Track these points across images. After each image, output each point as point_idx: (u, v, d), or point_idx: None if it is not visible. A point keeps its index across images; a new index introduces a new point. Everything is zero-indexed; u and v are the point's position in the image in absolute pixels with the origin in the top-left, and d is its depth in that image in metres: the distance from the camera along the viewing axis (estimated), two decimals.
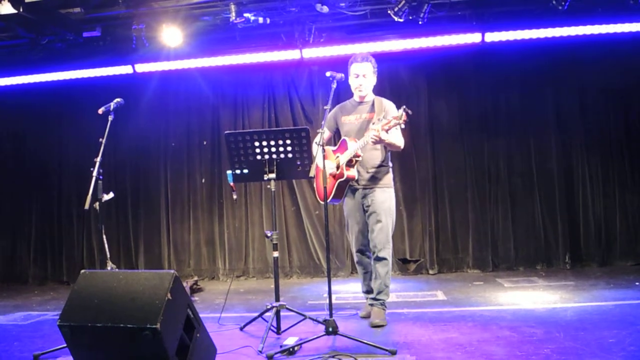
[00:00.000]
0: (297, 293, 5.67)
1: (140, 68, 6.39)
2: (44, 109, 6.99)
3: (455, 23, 5.84)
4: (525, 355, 3.17)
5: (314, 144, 4.07)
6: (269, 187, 3.91)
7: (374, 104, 4.20)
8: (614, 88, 6.23)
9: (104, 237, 3.95)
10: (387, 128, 3.76)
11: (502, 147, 6.45)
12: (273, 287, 3.94)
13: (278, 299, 3.88)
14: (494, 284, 5.57)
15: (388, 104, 4.19)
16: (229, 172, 3.92)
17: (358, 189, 4.18)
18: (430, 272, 6.36)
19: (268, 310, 3.91)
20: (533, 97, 6.38)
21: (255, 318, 4.07)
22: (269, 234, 3.87)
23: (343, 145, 4.13)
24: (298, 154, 3.77)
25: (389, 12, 5.31)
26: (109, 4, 5.39)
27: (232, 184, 4.03)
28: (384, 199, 4.13)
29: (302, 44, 6.02)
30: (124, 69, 6.41)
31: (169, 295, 2.79)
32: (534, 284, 5.42)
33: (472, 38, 5.89)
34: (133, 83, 6.58)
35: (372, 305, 4.18)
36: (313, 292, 5.69)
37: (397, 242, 6.37)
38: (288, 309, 3.91)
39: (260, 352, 3.41)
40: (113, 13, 5.51)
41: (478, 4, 5.69)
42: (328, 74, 3.96)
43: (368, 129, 4.05)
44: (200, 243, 6.89)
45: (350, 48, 5.96)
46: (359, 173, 4.12)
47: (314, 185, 4.68)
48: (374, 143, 3.90)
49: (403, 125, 3.73)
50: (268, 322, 3.71)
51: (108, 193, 3.92)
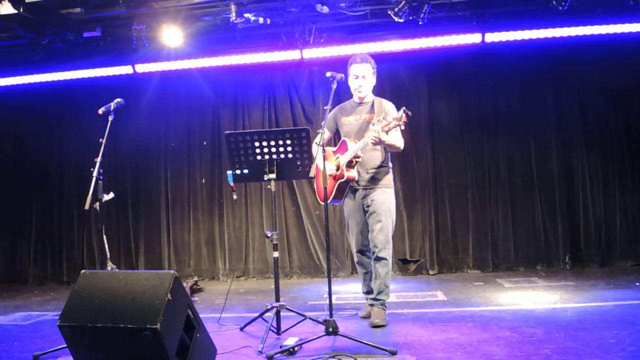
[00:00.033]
0: (297, 293, 5.67)
1: (141, 68, 6.39)
2: (45, 109, 6.99)
3: (456, 23, 5.84)
4: (526, 356, 3.17)
5: (314, 144, 4.08)
6: (269, 187, 3.91)
7: (374, 105, 4.20)
8: (614, 89, 6.23)
9: (104, 237, 3.95)
10: (387, 129, 3.76)
11: (502, 147, 6.45)
12: (273, 287, 3.94)
13: (278, 299, 3.88)
14: (494, 285, 5.57)
15: (388, 105, 4.19)
16: (229, 172, 3.92)
17: (358, 190, 4.18)
18: (431, 272, 6.36)
19: (268, 311, 3.91)
20: (533, 97, 6.38)
21: (256, 318, 4.07)
22: (269, 234, 3.87)
23: (343, 146, 4.14)
24: (298, 154, 3.77)
25: (389, 12, 5.31)
26: (110, 4, 5.40)
27: (232, 184, 4.03)
28: (384, 199, 4.13)
29: (302, 44, 6.03)
30: (124, 69, 6.41)
31: (169, 296, 2.79)
32: (534, 285, 5.42)
33: (472, 38, 5.90)
34: (133, 83, 6.59)
35: (372, 306, 4.19)
36: (313, 292, 5.69)
37: (397, 242, 6.37)
38: (288, 309, 3.91)
39: (261, 352, 3.41)
40: (113, 13, 5.52)
41: (478, 5, 5.69)
42: (328, 74, 3.97)
43: (368, 130, 4.06)
44: (201, 243, 6.89)
45: (351, 48, 5.96)
46: (359, 174, 4.13)
47: (314, 186, 4.68)
48: (374, 144, 3.90)
49: (403, 127, 3.73)
50: (268, 322, 3.71)
51: (108, 193, 3.92)
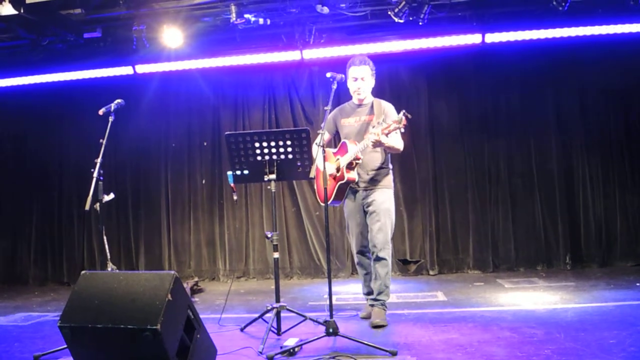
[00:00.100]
0: (297, 294, 5.67)
1: (141, 69, 6.40)
2: (45, 110, 6.99)
3: (456, 24, 5.84)
4: (526, 356, 3.17)
5: (314, 145, 4.08)
6: (269, 188, 3.91)
7: (373, 106, 4.20)
8: (614, 89, 6.24)
9: (105, 238, 3.95)
10: (387, 132, 3.76)
11: (502, 147, 6.45)
12: (273, 288, 3.94)
13: (278, 300, 3.88)
14: (495, 285, 5.57)
15: (387, 106, 4.20)
16: (230, 173, 3.93)
17: (358, 191, 4.19)
18: (431, 272, 6.36)
19: (268, 311, 3.91)
20: (533, 97, 6.38)
21: (256, 319, 4.07)
22: (270, 235, 3.87)
23: (343, 148, 4.14)
24: (298, 155, 3.77)
25: (389, 13, 5.31)
26: (110, 5, 5.40)
27: (232, 185, 4.03)
28: (384, 200, 4.14)
29: (302, 45, 6.03)
30: (125, 70, 6.41)
31: (170, 296, 2.79)
32: (535, 285, 5.42)
33: (472, 39, 5.89)
34: (134, 84, 6.59)
35: (372, 306, 4.19)
36: (313, 293, 5.69)
37: (397, 242, 6.38)
38: (288, 310, 3.91)
39: (261, 353, 3.41)
40: (114, 14, 5.52)
41: (478, 5, 5.69)
42: (328, 75, 3.97)
43: (368, 131, 4.06)
44: (201, 244, 6.90)
45: (351, 49, 5.96)
46: (360, 175, 4.13)
47: (315, 187, 4.69)
48: (374, 146, 3.90)
49: (403, 130, 3.73)
50: (268, 323, 3.71)
51: (109, 194, 3.92)
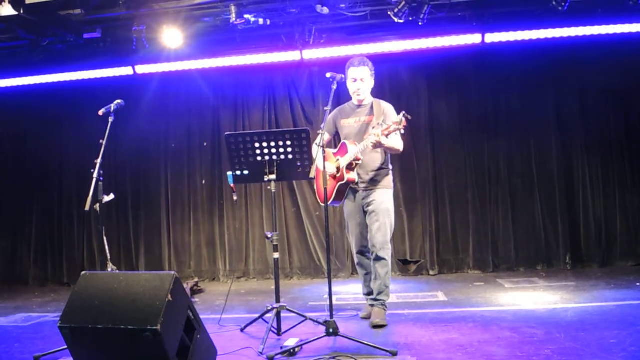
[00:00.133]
0: (297, 294, 5.67)
1: (141, 69, 6.40)
2: (45, 110, 6.99)
3: (456, 24, 5.84)
4: (526, 356, 3.17)
5: (314, 145, 4.08)
6: (270, 188, 3.91)
7: (373, 107, 4.21)
8: (614, 89, 6.24)
9: (105, 238, 3.95)
10: (387, 133, 3.76)
11: (502, 147, 6.45)
12: (274, 288, 3.94)
13: (278, 300, 3.88)
14: (495, 285, 5.57)
15: (387, 107, 4.20)
16: (230, 173, 3.93)
17: (358, 191, 4.19)
18: (431, 273, 6.36)
19: (269, 312, 3.91)
20: (533, 97, 6.38)
21: (256, 319, 4.07)
22: (270, 235, 3.87)
23: (343, 149, 4.14)
24: (298, 155, 3.77)
25: (389, 13, 5.31)
26: (110, 6, 5.40)
27: (232, 185, 4.03)
28: (383, 200, 4.14)
29: (302, 45, 6.03)
30: (125, 71, 6.41)
31: (170, 297, 2.79)
32: (535, 285, 5.42)
33: (472, 39, 5.89)
34: (133, 84, 6.59)
35: (372, 306, 4.19)
36: (314, 293, 5.69)
37: (397, 243, 6.38)
38: (289, 310, 3.91)
39: (261, 353, 3.41)
40: (113, 14, 5.52)
41: (478, 5, 5.69)
42: (328, 75, 3.97)
43: (367, 132, 4.07)
44: (201, 244, 6.89)
45: (351, 49, 5.97)
46: (360, 175, 4.13)
47: (315, 187, 4.69)
48: (374, 147, 3.91)
49: (403, 131, 3.73)
50: (269, 323, 3.71)
51: (108, 194, 3.92)
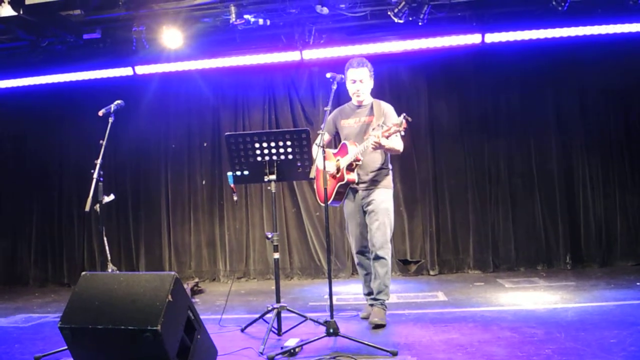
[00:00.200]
0: (298, 294, 5.67)
1: (141, 70, 6.40)
2: (45, 111, 6.99)
3: (455, 24, 5.84)
4: (527, 356, 3.17)
5: (314, 146, 4.08)
6: (270, 188, 3.91)
7: (373, 108, 4.21)
8: (614, 89, 6.24)
9: (105, 238, 3.96)
10: (387, 135, 3.76)
11: (502, 148, 6.45)
12: (274, 288, 3.94)
13: (279, 301, 3.88)
14: (495, 285, 5.57)
15: (387, 108, 4.21)
16: (230, 173, 3.93)
17: (358, 191, 4.19)
18: (431, 272, 6.36)
19: (269, 312, 3.91)
20: (533, 98, 6.38)
21: (256, 319, 4.07)
22: (270, 236, 3.88)
23: (343, 149, 4.15)
24: (298, 155, 3.78)
25: (389, 13, 5.31)
26: (109, 6, 5.40)
27: (232, 186, 4.04)
28: (383, 200, 4.14)
29: (302, 46, 6.03)
30: (125, 71, 6.41)
31: (170, 297, 2.79)
32: (535, 285, 5.42)
33: (472, 39, 5.89)
34: (133, 85, 6.59)
35: (372, 306, 4.19)
36: (314, 293, 5.69)
37: (397, 243, 6.38)
38: (289, 311, 3.91)
39: (262, 353, 3.41)
40: (113, 15, 5.52)
41: (478, 5, 5.69)
42: (328, 75, 3.98)
43: (367, 132, 4.07)
44: (201, 245, 6.89)
45: (351, 49, 5.97)
46: (360, 176, 4.14)
47: (315, 187, 4.69)
48: (374, 149, 3.91)
49: (403, 133, 3.73)
50: (269, 323, 3.71)
51: (109, 195, 3.92)
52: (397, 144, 4.04)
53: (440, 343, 3.54)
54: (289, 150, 3.76)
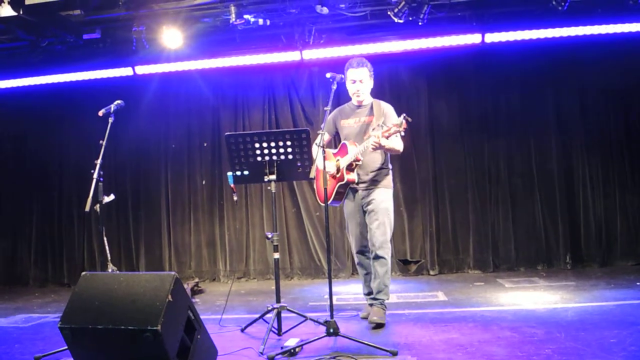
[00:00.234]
0: (298, 294, 5.67)
1: (141, 70, 6.40)
2: (45, 111, 6.99)
3: (455, 24, 5.84)
4: (527, 356, 3.17)
5: (314, 145, 4.09)
6: (270, 188, 3.92)
7: (373, 108, 4.22)
8: (614, 89, 6.23)
9: (105, 239, 3.96)
10: (387, 135, 3.76)
11: (502, 147, 6.45)
12: (274, 288, 3.94)
13: (279, 301, 3.89)
14: (495, 285, 5.57)
15: (387, 108, 4.21)
16: (230, 173, 3.93)
17: (358, 191, 4.20)
18: (431, 272, 6.36)
19: (269, 312, 3.91)
20: (533, 97, 6.38)
21: (256, 319, 4.07)
22: (270, 236, 3.88)
23: (343, 149, 4.15)
24: (298, 155, 3.78)
25: (389, 13, 5.31)
26: (109, 6, 5.40)
27: (232, 186, 4.04)
28: (383, 199, 4.15)
29: (302, 46, 6.03)
30: (124, 71, 6.41)
31: (170, 297, 2.79)
32: (535, 285, 5.42)
33: (472, 39, 5.89)
34: (133, 85, 6.59)
35: (371, 305, 4.19)
36: (314, 293, 5.69)
37: (397, 242, 6.38)
38: (289, 310, 3.91)
39: (262, 353, 3.41)
40: (113, 15, 5.52)
41: (478, 5, 5.69)
42: (328, 75, 3.98)
43: (367, 132, 4.08)
44: (201, 245, 6.89)
45: (351, 49, 5.97)
46: (359, 176, 4.14)
47: (315, 187, 4.69)
48: (374, 149, 3.91)
49: (403, 133, 3.74)
50: (269, 323, 3.71)
51: (109, 195, 3.92)
52: (397, 144, 4.04)
53: (440, 343, 3.54)
54: (289, 150, 3.76)
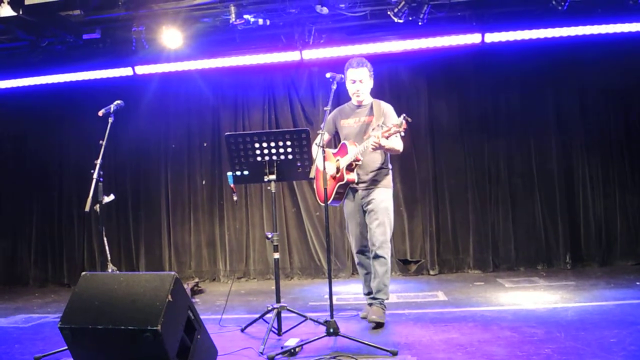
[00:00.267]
0: (298, 294, 5.67)
1: (140, 70, 6.40)
2: (45, 111, 6.99)
3: (455, 24, 5.84)
4: (526, 356, 3.17)
5: (314, 145, 4.09)
6: (270, 188, 3.92)
7: (373, 107, 4.22)
8: (614, 89, 6.23)
9: (105, 239, 3.96)
10: (387, 135, 3.76)
11: (502, 147, 6.45)
12: (274, 288, 3.94)
13: (279, 300, 3.89)
14: (495, 285, 5.57)
15: (387, 108, 4.21)
16: (230, 173, 3.93)
17: (358, 191, 4.20)
18: (431, 272, 6.36)
19: (269, 312, 3.91)
20: (533, 97, 6.38)
21: (256, 319, 4.07)
22: (270, 236, 3.88)
23: (343, 149, 4.15)
24: (298, 155, 3.78)
25: (389, 13, 5.31)
26: (109, 6, 5.40)
27: (232, 186, 4.04)
28: (382, 199, 4.15)
29: (302, 45, 6.03)
30: (124, 71, 6.41)
31: (170, 297, 2.79)
32: (535, 284, 5.42)
33: (472, 39, 5.89)
34: (133, 85, 6.59)
35: (370, 305, 4.19)
36: (314, 293, 5.69)
37: (397, 242, 6.38)
38: (289, 310, 3.91)
39: (262, 353, 3.42)
40: (113, 15, 5.52)
41: (478, 5, 5.69)
42: (328, 75, 3.98)
43: (367, 132, 4.08)
44: (201, 245, 6.89)
45: (350, 49, 5.97)
46: (359, 176, 4.14)
47: (314, 187, 4.69)
48: (374, 149, 3.91)
49: (403, 133, 3.74)
50: (269, 323, 3.71)
51: (109, 195, 3.92)
52: (396, 145, 4.04)
53: (440, 343, 3.54)
54: (289, 150, 3.76)
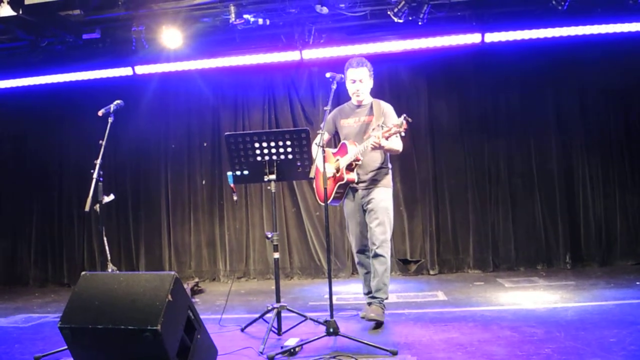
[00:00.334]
0: (298, 294, 5.67)
1: (140, 70, 6.40)
2: (45, 111, 6.99)
3: (455, 24, 5.84)
4: (526, 355, 3.17)
5: (314, 145, 4.09)
6: (269, 188, 3.92)
7: (372, 107, 4.22)
8: (614, 89, 6.23)
9: (105, 238, 3.96)
10: (387, 135, 3.77)
11: (502, 147, 6.45)
12: (274, 288, 3.94)
13: (279, 300, 3.89)
14: (495, 284, 5.57)
15: (387, 108, 4.21)
16: (230, 173, 3.93)
17: (358, 190, 4.20)
18: (431, 272, 6.36)
19: (269, 312, 3.91)
20: (533, 97, 6.38)
21: (256, 319, 4.07)
22: (270, 235, 3.88)
23: (343, 149, 4.15)
24: (298, 155, 3.78)
25: (389, 13, 5.31)
26: (109, 6, 5.40)
27: (232, 186, 4.04)
28: (382, 198, 4.15)
29: (302, 45, 6.03)
30: (124, 71, 6.41)
31: (170, 297, 2.79)
32: (535, 284, 5.42)
33: (472, 38, 5.89)
34: (133, 85, 6.59)
35: (370, 304, 4.19)
36: (314, 293, 5.69)
37: (397, 242, 6.38)
38: (289, 310, 3.92)
39: (262, 353, 3.42)
40: (113, 15, 5.52)
41: (478, 5, 5.69)
42: (328, 75, 3.98)
43: (367, 132, 4.08)
44: (201, 244, 6.89)
45: (350, 49, 5.97)
46: (359, 175, 4.15)
47: (314, 187, 4.69)
48: (374, 149, 3.91)
49: (403, 133, 3.74)
50: (269, 323, 3.71)
51: (108, 195, 3.92)
52: (396, 145, 4.04)
53: (440, 342, 3.54)
54: (289, 150, 3.76)
